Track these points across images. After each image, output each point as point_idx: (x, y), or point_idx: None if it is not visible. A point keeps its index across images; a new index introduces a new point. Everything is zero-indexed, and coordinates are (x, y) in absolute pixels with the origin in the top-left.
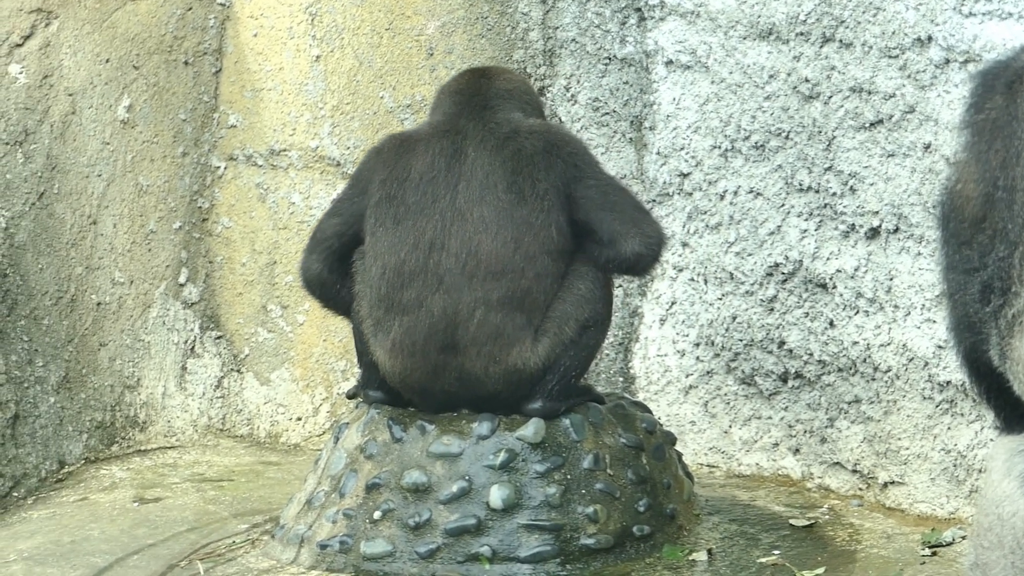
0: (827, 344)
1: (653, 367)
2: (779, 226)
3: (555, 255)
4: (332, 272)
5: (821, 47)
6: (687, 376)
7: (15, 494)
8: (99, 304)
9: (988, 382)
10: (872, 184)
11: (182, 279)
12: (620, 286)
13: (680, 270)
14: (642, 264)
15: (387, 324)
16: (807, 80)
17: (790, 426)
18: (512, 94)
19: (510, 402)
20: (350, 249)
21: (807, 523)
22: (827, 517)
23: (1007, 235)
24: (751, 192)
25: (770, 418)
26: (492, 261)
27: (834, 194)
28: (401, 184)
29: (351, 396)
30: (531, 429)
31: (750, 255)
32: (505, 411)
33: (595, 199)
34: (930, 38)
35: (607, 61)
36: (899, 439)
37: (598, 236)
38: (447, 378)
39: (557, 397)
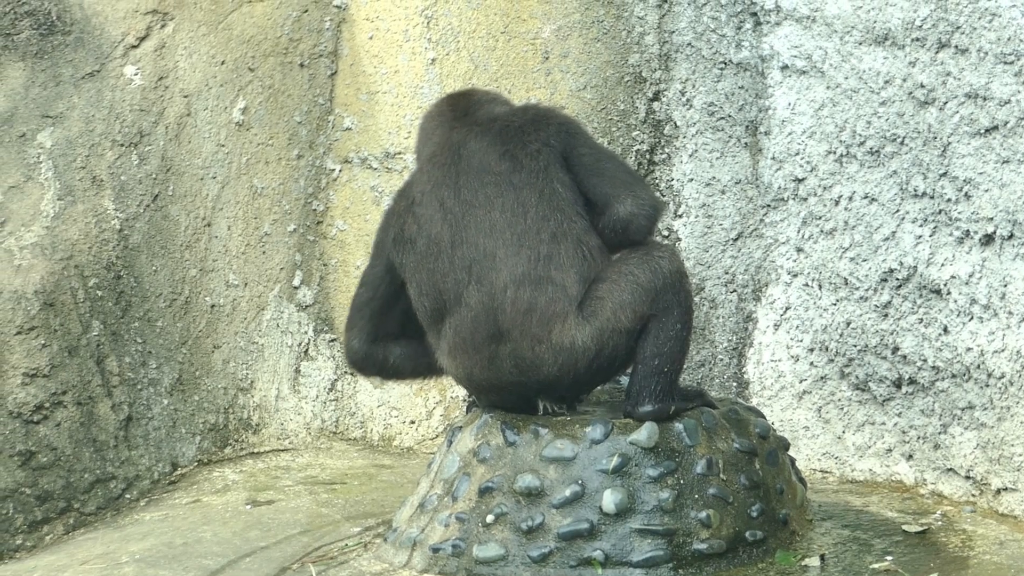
0: (941, 350)
1: (767, 372)
2: (894, 232)
3: (567, 212)
4: (375, 342)
5: (936, 53)
6: (801, 381)
7: (128, 496)
8: (213, 306)
9: None
10: (987, 190)
11: (296, 281)
12: (734, 291)
13: (795, 275)
14: (635, 226)
15: (442, 333)
16: (922, 86)
17: (903, 432)
18: (493, 99)
19: (572, 388)
20: (387, 315)
21: (920, 529)
22: (940, 523)
23: None
24: (866, 198)
25: (883, 424)
26: (507, 236)
27: (949, 200)
28: (414, 214)
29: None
30: (644, 434)
31: (864, 261)
32: (570, 400)
33: (588, 165)
34: None
35: (723, 65)
36: (1012, 445)
37: (592, 201)
38: (505, 368)
39: (661, 397)
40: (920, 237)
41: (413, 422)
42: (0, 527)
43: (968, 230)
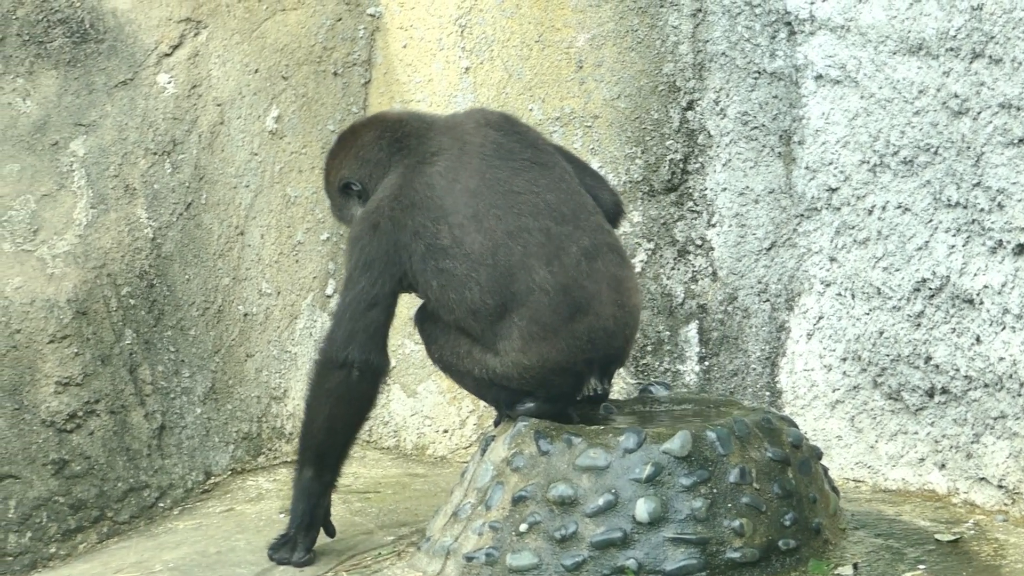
0: (973, 360)
1: (800, 381)
2: (927, 241)
3: (589, 198)
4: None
5: (971, 63)
6: (834, 391)
7: (161, 504)
8: (246, 315)
9: None
10: (1020, 200)
11: (329, 290)
12: (767, 300)
13: (828, 285)
14: (622, 214)
15: (506, 331)
16: (956, 96)
17: (936, 441)
18: (416, 113)
19: (621, 360)
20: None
21: (952, 538)
22: (972, 532)
23: None
24: (899, 207)
25: (916, 433)
26: (564, 212)
27: (982, 210)
28: (446, 222)
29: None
30: (678, 442)
31: (897, 270)
32: (610, 376)
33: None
34: None
35: (756, 75)
36: None
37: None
38: (581, 344)
39: None
40: (953, 247)
41: (446, 431)
42: (34, 536)
43: (1001, 240)
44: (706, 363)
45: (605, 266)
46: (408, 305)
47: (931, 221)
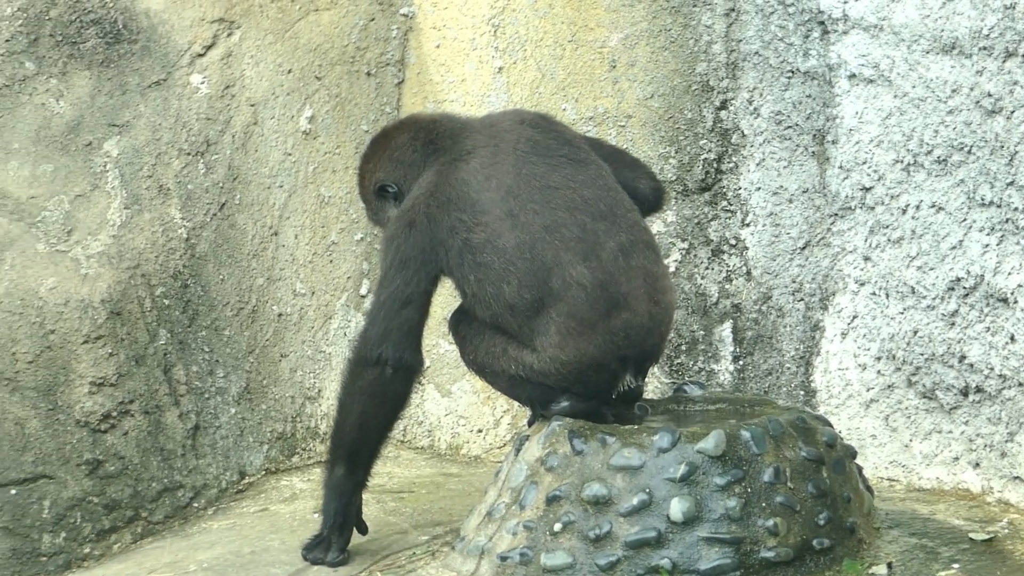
0: (1008, 358)
1: (834, 381)
2: (961, 240)
3: (618, 187)
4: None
5: (1004, 61)
6: (868, 390)
7: (195, 505)
8: (280, 315)
9: None
10: None
11: (363, 290)
12: (802, 300)
13: (862, 284)
14: (664, 198)
15: (543, 327)
16: (990, 95)
17: (970, 440)
18: (450, 114)
19: (655, 357)
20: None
21: (987, 537)
22: (1007, 531)
23: None
24: (933, 206)
25: (950, 432)
26: (600, 208)
27: (1016, 209)
28: (479, 222)
29: (532, 423)
30: (712, 442)
31: (931, 269)
32: (644, 372)
33: (607, 153)
34: None
35: (790, 74)
36: None
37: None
38: (617, 340)
39: None
40: (987, 246)
41: (480, 431)
42: (68, 536)
43: None
44: (740, 362)
45: (641, 262)
46: (442, 305)
47: (965, 220)
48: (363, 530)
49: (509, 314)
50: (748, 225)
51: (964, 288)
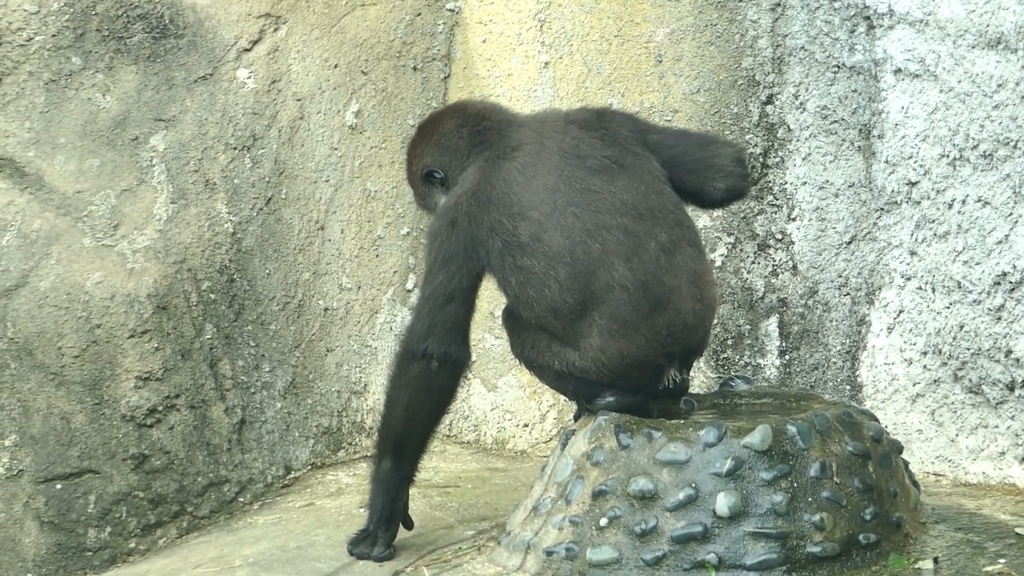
0: None
1: (880, 375)
2: (1007, 235)
3: (667, 187)
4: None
5: None
6: (914, 384)
7: (241, 499)
8: (326, 310)
9: None
10: None
11: (409, 284)
12: (848, 294)
13: (908, 279)
14: (741, 175)
15: (586, 329)
16: None
17: (1016, 435)
18: (499, 106)
19: (698, 353)
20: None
21: None
22: None
23: None
24: (979, 201)
25: (996, 427)
26: (641, 210)
27: None
28: (524, 217)
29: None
30: (758, 437)
31: (978, 264)
32: (689, 367)
33: (668, 142)
34: None
35: (836, 69)
36: None
37: (687, 170)
38: (660, 339)
39: None
40: None
41: (526, 425)
42: (114, 531)
43: None
44: (786, 357)
45: (683, 260)
46: (488, 300)
47: (1011, 215)
48: (409, 525)
49: (552, 317)
50: (794, 220)
51: (1010, 283)
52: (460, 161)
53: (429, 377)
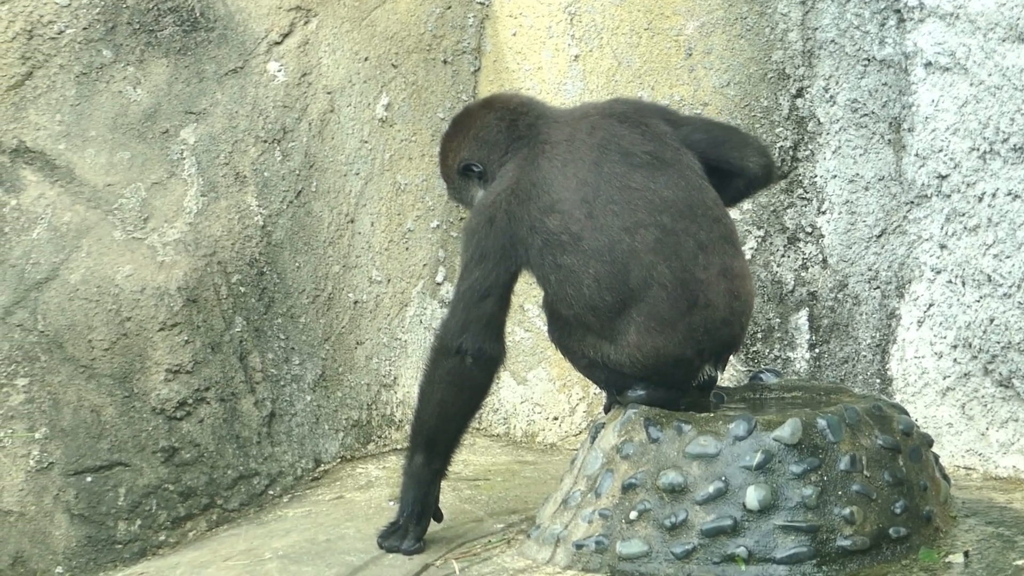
0: None
1: (910, 369)
2: None
3: (705, 183)
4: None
5: None
6: (944, 378)
7: (271, 492)
8: (356, 303)
9: None
10: None
11: (439, 278)
12: (878, 288)
13: (938, 272)
14: (772, 174)
15: (623, 326)
16: None
17: None
18: (534, 100)
19: (734, 349)
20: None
21: None
22: None
23: None
24: (1009, 194)
25: None
26: (680, 208)
27: None
28: (560, 212)
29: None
30: (788, 430)
31: (1008, 257)
32: (724, 363)
33: (700, 136)
34: None
35: (866, 62)
36: None
37: (730, 146)
38: (696, 336)
39: None
40: None
41: (556, 418)
42: (143, 523)
43: None
44: (816, 350)
45: (719, 257)
46: (519, 294)
47: None
48: (438, 518)
49: (591, 314)
50: (824, 213)
51: None
52: (498, 155)
53: (463, 373)
